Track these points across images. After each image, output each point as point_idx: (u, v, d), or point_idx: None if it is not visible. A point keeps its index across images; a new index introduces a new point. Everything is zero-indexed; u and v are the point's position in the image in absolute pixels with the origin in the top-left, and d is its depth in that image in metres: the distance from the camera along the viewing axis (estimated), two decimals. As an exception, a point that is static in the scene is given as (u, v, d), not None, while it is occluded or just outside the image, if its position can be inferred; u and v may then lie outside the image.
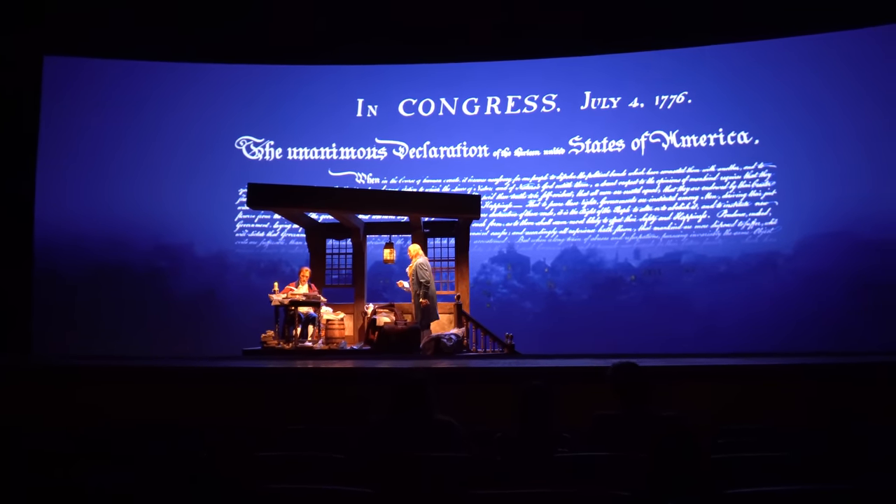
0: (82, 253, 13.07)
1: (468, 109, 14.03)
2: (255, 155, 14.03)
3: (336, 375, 6.44)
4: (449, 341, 9.47)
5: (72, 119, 13.51)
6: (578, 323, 12.76)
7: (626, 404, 3.77)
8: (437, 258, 11.18)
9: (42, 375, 6.39)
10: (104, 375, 6.34)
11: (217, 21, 12.97)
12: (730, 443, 3.83)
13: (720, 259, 12.81)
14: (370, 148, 14.05)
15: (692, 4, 12.47)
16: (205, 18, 12.91)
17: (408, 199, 10.88)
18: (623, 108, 13.60)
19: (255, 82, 14.08)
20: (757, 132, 12.95)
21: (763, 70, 12.93)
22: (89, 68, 13.70)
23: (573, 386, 5.31)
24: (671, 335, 11.89)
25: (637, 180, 13.35)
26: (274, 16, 13.04)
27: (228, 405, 5.52)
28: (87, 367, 6.54)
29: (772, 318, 11.98)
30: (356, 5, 12.96)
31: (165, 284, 13.31)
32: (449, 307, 10.51)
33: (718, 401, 5.53)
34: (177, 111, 13.78)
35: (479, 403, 5.37)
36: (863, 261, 11.85)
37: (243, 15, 12.96)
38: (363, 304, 10.75)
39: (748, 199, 12.86)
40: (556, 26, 12.96)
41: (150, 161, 13.56)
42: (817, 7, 12.14)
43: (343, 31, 13.23)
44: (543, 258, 13.49)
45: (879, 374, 5.94)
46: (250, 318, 11.62)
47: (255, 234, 13.78)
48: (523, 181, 13.68)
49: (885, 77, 12.23)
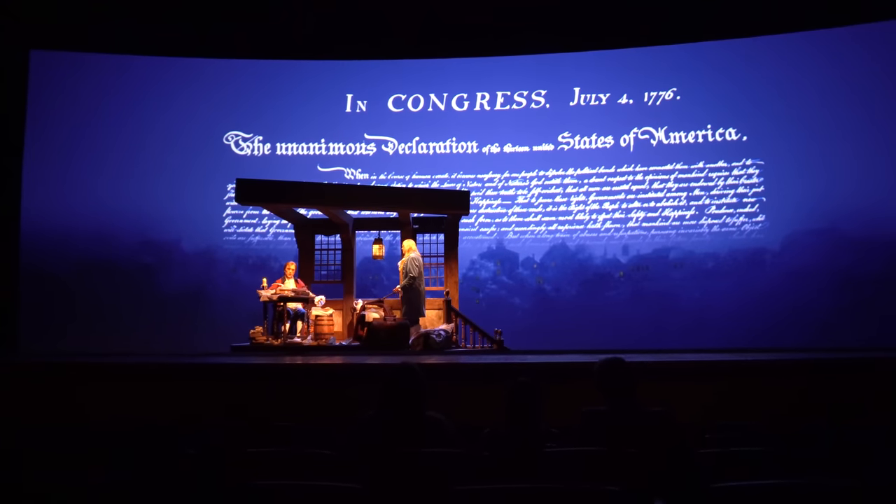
0: (69, 249, 12.98)
1: (457, 105, 14.03)
2: (244, 150, 13.98)
3: (325, 371, 6.43)
4: (438, 337, 9.48)
5: (59, 114, 13.40)
6: (567, 319, 12.79)
7: (613, 400, 3.78)
8: (427, 254, 11.17)
9: (25, 372, 6.35)
10: (91, 373, 6.31)
11: (206, 16, 12.91)
12: (717, 438, 3.86)
13: (708, 255, 12.87)
14: (359, 143, 14.02)
15: (681, 2, 12.50)
16: (193, 14, 12.85)
17: (397, 195, 10.88)
18: (612, 104, 13.62)
19: (243, 78, 14.01)
20: (745, 129, 13.01)
21: (751, 67, 12.99)
22: (76, 63, 13.59)
23: (561, 382, 5.33)
24: (659, 331, 11.95)
25: (626, 176, 13.39)
26: (263, 11, 12.99)
27: (216, 401, 5.50)
28: (72, 364, 6.50)
29: (759, 313, 12.06)
30: (345, 0, 12.92)
31: (153, 280, 13.24)
32: (438, 303, 10.52)
33: (706, 396, 5.56)
34: (165, 106, 13.69)
35: (468, 399, 5.37)
36: (849, 257, 11.94)
37: (232, 10, 12.90)
38: (352, 300, 10.74)
39: (736, 195, 12.92)
40: (546, 22, 12.96)
41: (138, 156, 13.48)
42: (804, 5, 12.20)
43: (332, 27, 13.20)
44: (532, 254, 13.51)
45: (866, 369, 5.99)
46: (239, 314, 11.59)
47: (243, 230, 13.73)
48: (512, 177, 13.69)
49: (870, 75, 12.31)
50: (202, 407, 5.29)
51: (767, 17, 12.53)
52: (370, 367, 6.25)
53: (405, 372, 3.68)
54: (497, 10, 12.83)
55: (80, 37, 13.16)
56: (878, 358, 6.43)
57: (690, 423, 4.09)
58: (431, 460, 3.26)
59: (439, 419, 3.67)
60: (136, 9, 12.69)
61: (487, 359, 7.70)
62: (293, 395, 5.74)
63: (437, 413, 3.71)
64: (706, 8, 12.46)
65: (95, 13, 12.64)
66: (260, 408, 5.42)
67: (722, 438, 3.83)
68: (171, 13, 12.85)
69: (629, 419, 3.69)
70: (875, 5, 12.02)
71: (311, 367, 6.75)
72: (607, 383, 3.81)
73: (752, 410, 5.37)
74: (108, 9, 12.60)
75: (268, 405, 5.52)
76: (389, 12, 12.92)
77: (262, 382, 6.07)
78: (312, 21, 13.16)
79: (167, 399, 5.67)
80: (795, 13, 12.34)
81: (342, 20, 13.13)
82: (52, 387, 6.02)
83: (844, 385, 5.66)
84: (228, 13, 12.92)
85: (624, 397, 3.77)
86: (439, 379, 5.58)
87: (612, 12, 12.73)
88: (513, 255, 13.56)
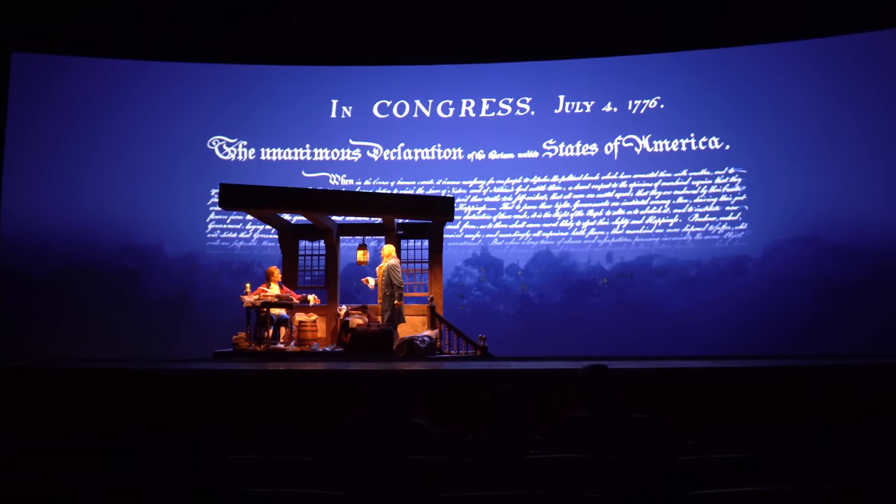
0: (50, 253, 12.87)
1: (443, 112, 14.05)
2: (228, 155, 13.92)
3: (309, 378, 6.40)
4: (422, 343, 9.46)
5: (40, 117, 13.31)
6: (551, 325, 12.82)
7: (596, 407, 3.78)
8: (411, 260, 11.16)
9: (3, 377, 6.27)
10: (72, 377, 6.24)
11: (191, 20, 12.86)
12: (700, 444, 3.87)
13: (691, 263, 12.95)
14: (344, 149, 14.01)
15: (665, 11, 12.60)
16: (179, 18, 12.80)
17: (381, 201, 10.86)
18: (596, 112, 13.69)
19: (228, 82, 13.96)
20: (728, 137, 13.12)
21: (734, 76, 13.11)
22: (58, 66, 13.49)
23: (545, 388, 5.33)
24: (642, 338, 11.99)
25: (610, 184, 13.45)
26: (248, 15, 12.95)
27: (198, 407, 5.46)
28: (53, 370, 6.43)
29: (741, 321, 12.13)
30: (331, 6, 12.91)
31: (136, 285, 13.14)
32: (422, 309, 10.50)
33: (688, 403, 5.57)
34: (148, 110, 13.63)
35: (451, 406, 5.36)
36: (831, 265, 12.06)
37: (216, 14, 12.85)
38: (336, 306, 10.70)
39: (719, 203, 13.02)
40: (531, 30, 13.02)
41: (121, 160, 13.39)
42: (788, 15, 12.33)
43: (318, 32, 13.19)
44: (517, 261, 13.54)
45: (848, 376, 6.03)
46: (222, 320, 11.51)
47: (227, 235, 13.67)
48: (497, 184, 13.72)
49: (853, 85, 12.46)
50: (183, 412, 5.24)
51: (752, 26, 12.65)
52: (354, 374, 6.22)
53: (393, 379, 3.68)
54: (483, 17, 12.86)
55: (62, 39, 13.08)
56: (863, 364, 6.48)
57: (673, 430, 4.10)
58: (415, 467, 3.25)
59: (422, 426, 3.66)
60: (118, 11, 12.62)
61: (471, 365, 7.70)
62: (276, 401, 5.71)
63: (421, 419, 3.71)
64: (690, 17, 12.56)
65: (78, 16, 12.56)
66: (242, 414, 5.38)
67: (704, 445, 3.84)
68: (155, 16, 12.79)
69: (612, 426, 3.69)
70: (860, 16, 12.15)
71: (294, 373, 6.71)
72: (590, 390, 3.81)
73: (734, 417, 5.39)
74: (91, 11, 12.52)
75: (250, 411, 5.48)
76: (375, 18, 12.93)
77: (244, 388, 6.03)
78: (298, 26, 13.14)
79: (147, 404, 5.61)
80: (780, 23, 12.48)
81: (328, 26, 13.12)
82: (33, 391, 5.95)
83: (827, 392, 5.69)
84: (212, 17, 12.87)
85: (607, 404, 3.78)
86: (422, 385, 5.57)
87: (597, 20, 12.81)
88: (497, 262, 13.58)
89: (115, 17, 12.67)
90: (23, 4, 12.40)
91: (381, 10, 12.85)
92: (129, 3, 12.67)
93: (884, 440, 3.53)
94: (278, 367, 7.30)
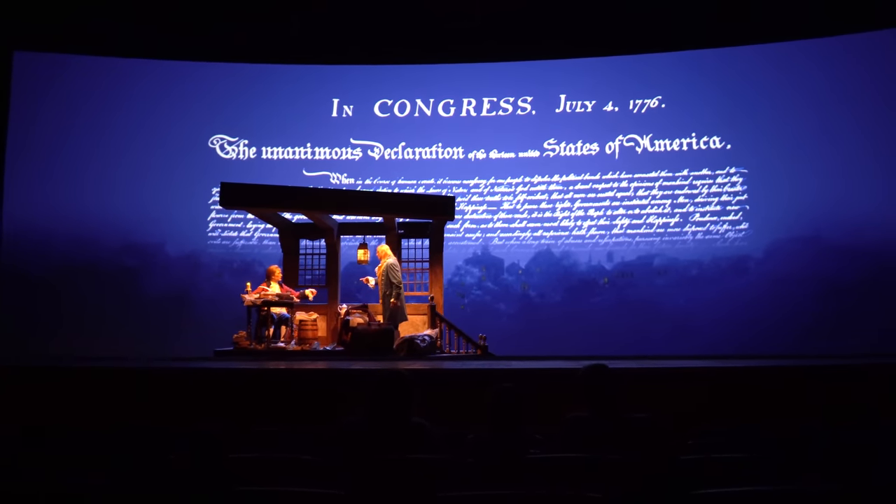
0: (51, 251, 12.88)
1: (444, 111, 14.04)
2: (229, 154, 13.92)
3: (309, 377, 6.39)
4: (422, 342, 9.45)
5: (42, 116, 13.31)
6: (552, 325, 12.81)
7: (597, 406, 3.78)
8: (412, 259, 11.16)
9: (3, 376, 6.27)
10: (73, 376, 6.24)
11: (192, 20, 12.86)
12: (700, 444, 3.86)
13: (692, 262, 12.94)
14: (345, 148, 14.01)
15: (666, 11, 12.59)
16: (180, 17, 12.79)
17: (382, 200, 10.85)
18: (598, 111, 13.69)
19: (229, 81, 13.95)
20: (729, 137, 13.12)
21: (735, 76, 13.10)
22: (60, 64, 13.49)
23: (545, 388, 5.32)
24: (643, 337, 11.99)
25: (611, 183, 13.45)
26: (249, 14, 12.95)
27: (199, 406, 5.46)
28: (54, 368, 6.43)
29: (742, 320, 12.13)
30: (331, 5, 12.91)
31: (137, 284, 13.15)
32: (423, 308, 10.50)
33: (689, 402, 5.57)
34: (150, 109, 13.63)
35: (452, 405, 5.36)
36: (832, 264, 12.05)
37: (218, 14, 12.85)
38: (337, 305, 10.70)
39: (720, 202, 13.01)
40: (532, 29, 13.01)
41: (122, 158, 13.40)
42: (789, 15, 12.32)
43: (319, 31, 13.18)
44: (517, 260, 13.53)
45: (848, 376, 6.03)
46: (223, 319, 11.50)
47: (228, 234, 13.67)
48: (498, 183, 13.72)
49: (854, 84, 12.45)
50: (184, 411, 5.24)
51: (753, 26, 12.64)
52: (354, 373, 6.22)
53: (395, 378, 3.68)
54: (483, 16, 12.86)
55: (63, 38, 13.08)
56: (864, 365, 6.48)
57: (674, 430, 4.10)
58: (415, 466, 3.25)
59: (423, 425, 3.66)
60: (120, 10, 12.62)
61: (472, 364, 7.69)
62: (276, 400, 5.71)
63: (421, 419, 3.71)
64: (691, 17, 12.55)
65: (79, 15, 12.56)
66: (242, 413, 5.38)
67: (705, 444, 3.84)
68: (156, 15, 12.79)
69: (612, 426, 3.69)
70: (862, 15, 12.14)
71: (294, 372, 6.71)
72: (591, 389, 3.81)
73: (735, 417, 5.39)
74: (93, 11, 12.52)
75: (251, 410, 5.48)
76: (376, 18, 12.92)
77: (245, 387, 6.03)
78: (298, 25, 13.14)
79: (148, 403, 5.61)
80: (781, 22, 12.46)
81: (328, 25, 13.11)
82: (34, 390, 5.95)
83: (829, 392, 5.69)
84: (213, 16, 12.86)
85: (607, 404, 3.77)
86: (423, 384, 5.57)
87: (598, 20, 12.80)
88: (498, 261, 13.58)
89: (116, 17, 12.67)
90: (25, 4, 12.41)
91: (382, 9, 12.84)
92: (131, 2, 12.67)
93: (884, 440, 3.53)
94: (279, 366, 7.30)
